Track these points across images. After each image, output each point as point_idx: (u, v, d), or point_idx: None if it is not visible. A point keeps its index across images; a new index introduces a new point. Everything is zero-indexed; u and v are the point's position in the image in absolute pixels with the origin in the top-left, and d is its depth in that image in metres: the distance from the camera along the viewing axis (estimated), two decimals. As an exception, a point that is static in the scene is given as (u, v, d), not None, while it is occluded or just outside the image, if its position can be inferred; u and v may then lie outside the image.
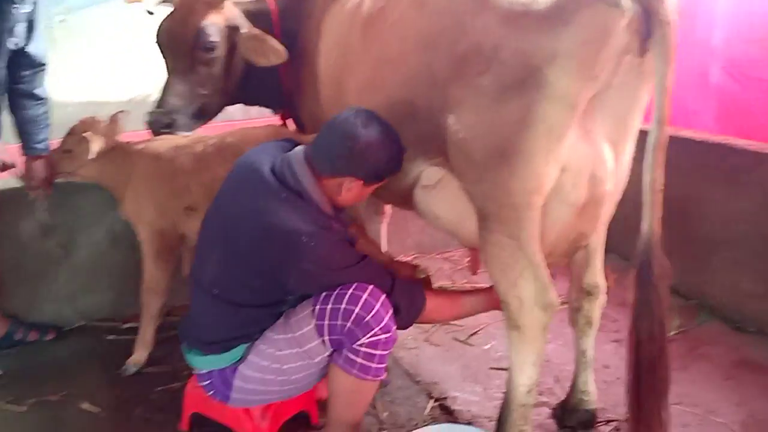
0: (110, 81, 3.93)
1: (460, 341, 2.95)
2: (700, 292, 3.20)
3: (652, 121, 1.70)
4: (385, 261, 2.45)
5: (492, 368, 2.72)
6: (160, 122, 2.63)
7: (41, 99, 2.77)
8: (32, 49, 2.67)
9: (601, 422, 2.33)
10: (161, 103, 2.65)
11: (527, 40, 1.66)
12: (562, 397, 2.42)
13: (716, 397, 2.49)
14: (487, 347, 2.89)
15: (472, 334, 2.99)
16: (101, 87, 3.88)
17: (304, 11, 2.71)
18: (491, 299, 2.17)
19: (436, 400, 2.51)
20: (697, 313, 3.12)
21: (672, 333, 2.94)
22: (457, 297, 2.24)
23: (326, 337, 1.88)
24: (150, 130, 2.67)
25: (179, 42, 2.62)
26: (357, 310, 1.84)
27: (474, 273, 2.31)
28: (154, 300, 2.77)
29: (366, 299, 1.86)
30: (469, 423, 2.37)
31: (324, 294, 1.90)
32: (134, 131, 3.91)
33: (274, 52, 2.57)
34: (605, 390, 2.47)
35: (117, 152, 2.74)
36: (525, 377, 1.96)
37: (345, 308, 1.85)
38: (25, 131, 2.75)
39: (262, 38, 2.58)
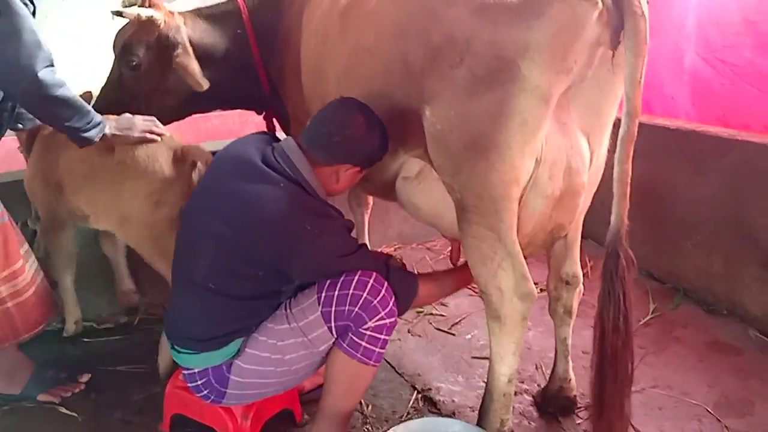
0: (73, 73, 3.85)
1: (443, 331, 2.97)
2: (674, 276, 3.27)
3: (623, 114, 1.72)
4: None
5: (474, 357, 2.75)
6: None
7: None
8: None
9: (580, 407, 2.37)
10: (94, 106, 2.53)
11: (499, 32, 1.67)
12: (543, 384, 2.46)
13: (690, 379, 2.56)
14: (469, 336, 2.92)
15: (454, 324, 3.01)
16: (68, 77, 3.81)
17: (282, 5, 2.67)
18: (468, 273, 2.19)
19: (419, 392, 2.52)
20: (672, 296, 3.19)
21: (648, 317, 3.01)
22: (440, 277, 2.28)
23: (332, 324, 1.88)
24: None
25: (114, 53, 2.65)
26: (365, 294, 1.86)
27: (454, 263, 2.33)
28: None
29: (372, 284, 1.88)
30: (452, 413, 2.39)
31: (329, 282, 1.90)
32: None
33: (194, 82, 2.58)
34: (584, 376, 2.48)
35: None
36: (506, 367, 1.99)
37: (353, 293, 1.86)
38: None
39: (182, 66, 2.56)
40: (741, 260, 2.92)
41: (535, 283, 1.95)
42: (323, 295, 1.90)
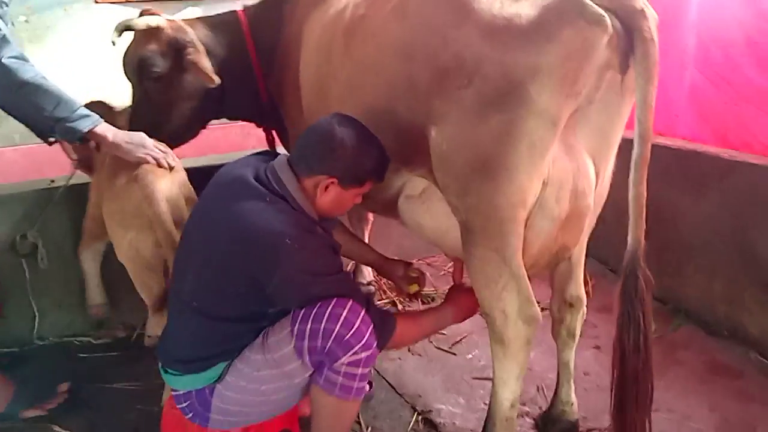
0: (77, 83, 3.85)
1: (444, 350, 2.94)
2: (674, 297, 3.26)
3: (635, 137, 1.72)
4: (378, 259, 2.47)
5: (475, 378, 2.73)
6: None
7: None
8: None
9: (581, 431, 2.35)
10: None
11: (509, 55, 1.67)
12: (545, 406, 2.44)
13: (691, 403, 2.54)
14: (470, 356, 2.90)
15: (455, 343, 2.99)
16: (68, 90, 3.79)
17: (282, 19, 2.68)
18: (457, 312, 2.18)
19: (419, 414, 2.49)
20: (673, 317, 3.17)
21: (649, 339, 3.00)
22: (422, 318, 2.20)
23: (306, 358, 1.83)
24: None
25: (131, 74, 2.63)
26: (337, 328, 1.79)
27: (457, 282, 2.30)
28: None
29: (346, 316, 1.81)
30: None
31: (302, 313, 1.84)
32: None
33: (206, 77, 2.55)
34: (585, 397, 2.49)
35: None
36: (509, 391, 1.97)
37: (325, 327, 1.80)
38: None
39: (194, 62, 2.55)
40: (742, 282, 2.91)
41: (537, 302, 1.94)
42: (296, 327, 1.83)
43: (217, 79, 2.54)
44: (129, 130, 2.56)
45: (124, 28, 2.51)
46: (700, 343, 2.98)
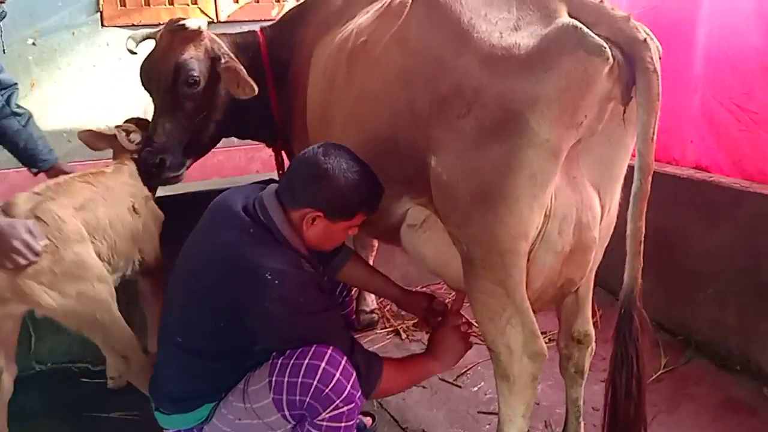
0: (84, 105, 3.89)
1: (448, 382, 2.87)
2: (685, 328, 3.18)
3: (636, 170, 1.68)
4: (399, 294, 2.38)
5: (480, 412, 2.65)
6: (150, 162, 2.57)
7: (23, 113, 2.72)
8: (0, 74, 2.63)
9: (591, 469, 2.28)
10: (149, 141, 2.60)
11: (508, 85, 1.64)
12: (552, 442, 2.36)
13: (704, 440, 2.46)
14: (475, 389, 2.82)
15: (459, 375, 2.92)
16: (75, 111, 3.83)
17: (295, 41, 2.71)
18: (448, 358, 2.08)
19: (422, 448, 2.44)
20: (684, 350, 3.09)
21: (660, 372, 2.91)
22: (411, 365, 2.09)
23: (286, 412, 1.76)
24: (143, 167, 2.62)
25: (161, 79, 2.59)
26: (315, 383, 1.71)
27: (455, 312, 2.23)
28: None
29: (324, 369, 1.73)
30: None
31: (280, 362, 1.77)
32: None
33: (247, 85, 2.54)
34: (595, 434, 2.42)
35: None
36: (515, 429, 1.91)
37: (302, 381, 1.72)
38: (26, 150, 2.69)
39: (236, 70, 2.55)
40: (755, 314, 2.83)
41: (543, 333, 1.88)
42: (274, 380, 1.76)
43: (256, 88, 2.53)
44: (147, 140, 2.59)
45: (180, 27, 2.50)
46: (712, 377, 2.89)
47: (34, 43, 3.69)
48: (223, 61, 2.58)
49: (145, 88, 2.68)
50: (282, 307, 1.75)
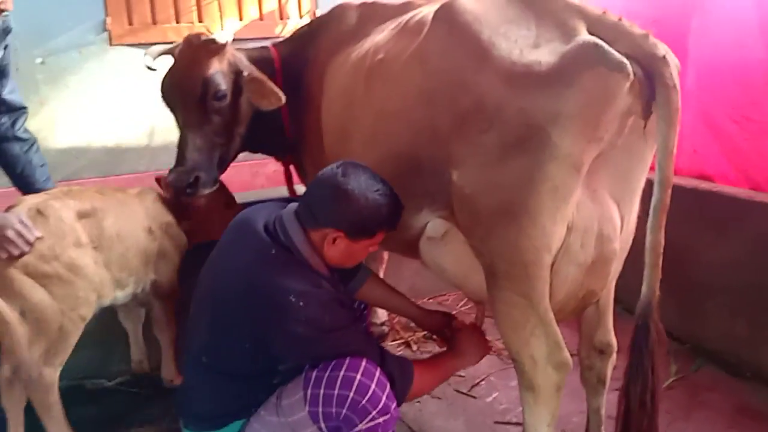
0: (93, 123, 3.91)
1: (463, 393, 2.89)
2: (695, 337, 3.20)
3: (655, 183, 1.71)
4: (419, 313, 2.37)
5: (497, 422, 2.67)
6: (183, 181, 2.53)
7: (28, 139, 2.72)
8: (8, 95, 2.64)
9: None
10: (181, 160, 2.56)
11: (530, 100, 1.68)
12: (570, 452, 2.38)
13: (722, 447, 2.48)
14: (490, 399, 2.84)
15: (474, 386, 2.94)
16: (83, 129, 3.85)
17: (306, 59, 2.72)
18: (472, 354, 2.14)
19: (443, 460, 2.45)
20: (693, 358, 3.12)
21: (671, 380, 2.94)
22: (439, 363, 2.13)
23: (322, 425, 1.77)
24: (172, 190, 2.58)
25: (188, 95, 2.55)
26: (351, 394, 1.73)
27: (478, 327, 2.27)
28: None
29: (360, 381, 1.75)
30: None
31: (315, 375, 1.78)
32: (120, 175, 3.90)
33: (273, 94, 2.55)
34: (611, 443, 2.43)
35: None
36: (539, 440, 1.92)
37: (338, 393, 1.74)
38: (22, 176, 2.68)
39: (262, 80, 2.57)
40: (765, 322, 2.86)
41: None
42: (309, 392, 1.77)
43: (283, 97, 2.54)
44: (178, 159, 2.55)
45: (210, 42, 2.48)
46: (725, 384, 2.92)
47: (42, 63, 3.71)
48: (246, 73, 2.59)
49: (168, 105, 2.66)
50: (308, 328, 1.76)
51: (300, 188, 3.00)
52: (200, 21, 4.11)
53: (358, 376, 1.75)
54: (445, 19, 1.89)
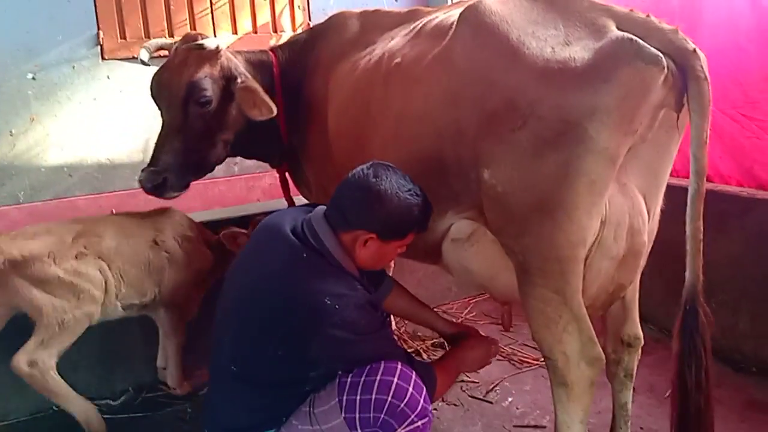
0: (85, 139, 3.83)
1: (478, 399, 2.88)
2: (698, 335, 3.25)
3: (691, 173, 1.75)
4: (446, 326, 2.33)
5: (516, 426, 2.66)
6: (151, 181, 2.48)
7: None
8: None
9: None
10: (154, 160, 2.52)
11: (566, 97, 1.70)
12: (593, 452, 2.38)
13: (737, 441, 2.51)
14: (506, 404, 2.83)
15: (488, 391, 2.93)
16: (76, 145, 3.77)
17: (305, 66, 2.70)
18: (475, 360, 2.16)
19: (468, 466, 2.42)
20: (698, 356, 3.17)
21: (679, 378, 2.98)
22: (450, 365, 2.13)
23: (359, 431, 1.75)
24: (142, 188, 2.52)
25: (172, 96, 2.51)
26: (389, 398, 1.72)
27: (507, 329, 2.28)
28: None
29: (397, 384, 1.74)
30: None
31: (349, 381, 1.77)
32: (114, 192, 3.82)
33: (265, 105, 2.50)
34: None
35: None
36: (573, 435, 1.92)
37: (376, 398, 1.72)
38: None
39: (254, 90, 2.51)
40: (767, 318, 2.92)
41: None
42: (344, 399, 1.76)
43: (275, 109, 2.49)
44: (152, 158, 2.51)
45: (198, 46, 2.44)
46: (732, 380, 2.96)
47: (33, 78, 3.63)
48: (239, 80, 2.53)
49: (155, 101, 2.61)
50: (345, 331, 1.75)
51: (299, 199, 2.98)
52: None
53: (395, 380, 1.74)
54: (471, 20, 1.91)
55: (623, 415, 2.23)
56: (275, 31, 4.33)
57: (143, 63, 2.63)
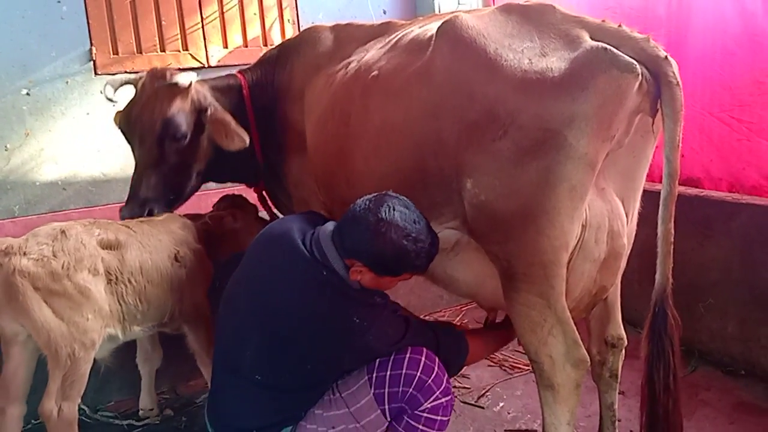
0: (79, 153, 3.85)
1: (470, 404, 2.91)
2: (687, 339, 3.22)
3: (664, 176, 1.79)
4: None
5: (507, 430, 2.69)
6: (137, 214, 2.52)
7: None
8: None
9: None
10: (134, 195, 2.55)
11: (545, 106, 1.75)
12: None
13: (725, 442, 2.54)
14: (497, 409, 2.86)
15: (480, 396, 2.96)
16: (70, 159, 3.79)
17: (280, 83, 2.72)
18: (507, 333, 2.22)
19: (459, 471, 2.44)
20: (688, 359, 3.20)
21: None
22: (485, 335, 2.27)
23: (386, 406, 1.82)
24: None
25: (146, 132, 2.53)
26: (418, 374, 1.82)
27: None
28: None
29: (425, 362, 1.84)
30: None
31: (378, 362, 1.86)
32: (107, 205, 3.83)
33: (237, 136, 2.53)
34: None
35: None
36: (561, 437, 1.95)
37: (406, 373, 1.82)
38: None
39: (226, 122, 2.54)
40: (755, 321, 2.96)
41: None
42: (374, 375, 1.84)
43: (247, 139, 2.52)
44: (132, 194, 2.53)
45: (172, 84, 2.45)
46: (720, 382, 3.00)
47: (28, 93, 3.67)
48: (209, 112, 2.55)
49: (124, 136, 2.62)
50: (377, 342, 1.86)
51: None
52: (185, 49, 4.13)
53: (423, 359, 1.85)
54: (449, 35, 1.95)
55: (610, 416, 2.26)
56: (266, 45, 4.37)
57: (108, 99, 2.66)
